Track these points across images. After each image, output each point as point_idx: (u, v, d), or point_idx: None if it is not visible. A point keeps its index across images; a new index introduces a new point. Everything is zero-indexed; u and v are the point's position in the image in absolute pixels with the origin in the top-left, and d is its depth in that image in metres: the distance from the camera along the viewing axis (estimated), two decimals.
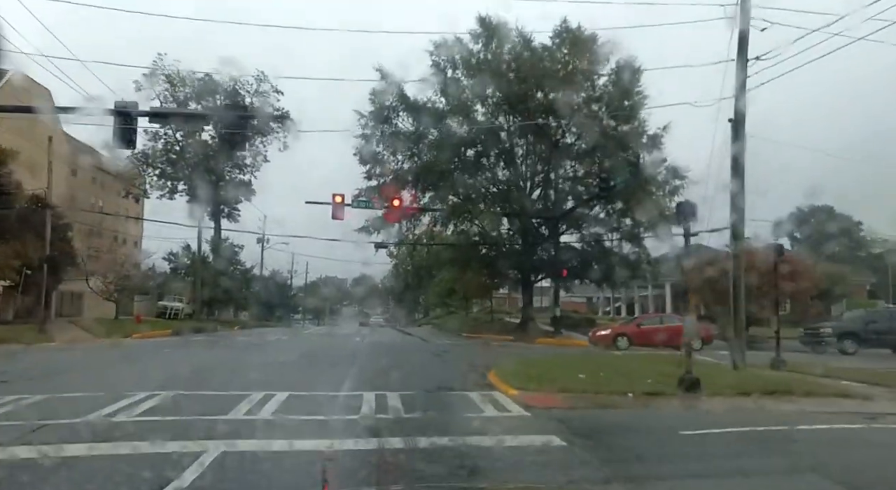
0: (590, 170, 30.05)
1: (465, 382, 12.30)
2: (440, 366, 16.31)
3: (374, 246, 33.75)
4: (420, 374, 13.79)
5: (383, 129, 33.00)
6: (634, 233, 31.20)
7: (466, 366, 15.88)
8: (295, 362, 16.02)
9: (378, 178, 33.16)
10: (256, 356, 18.01)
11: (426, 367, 15.62)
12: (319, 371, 14.18)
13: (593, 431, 7.71)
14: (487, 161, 33.11)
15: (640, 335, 23.35)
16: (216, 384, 11.28)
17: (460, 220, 31.15)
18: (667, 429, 8.19)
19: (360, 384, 11.44)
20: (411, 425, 7.81)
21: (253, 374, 12.92)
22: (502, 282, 37.24)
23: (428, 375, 13.65)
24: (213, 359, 16.90)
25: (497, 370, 13.55)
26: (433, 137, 32.59)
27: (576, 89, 30.66)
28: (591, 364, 14.78)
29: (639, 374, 12.43)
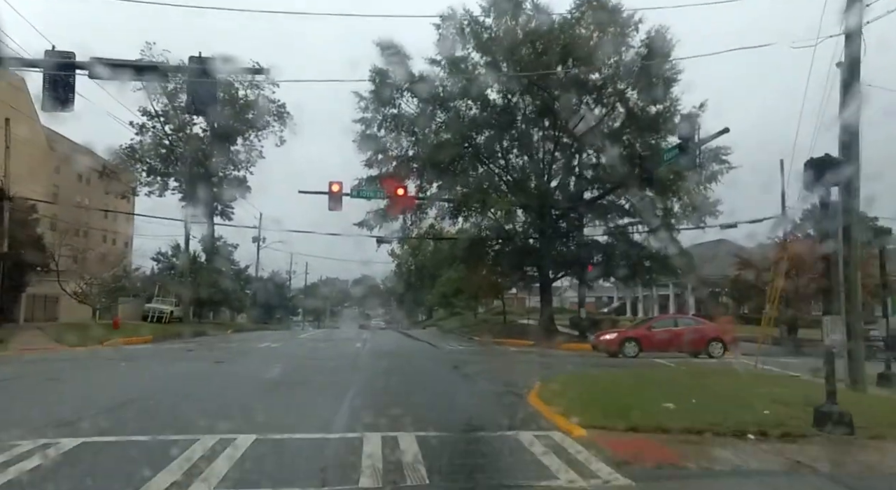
0: (621, 152, 26.67)
1: (505, 413, 8.99)
2: (462, 384, 13.00)
3: (377, 241, 30.46)
4: (440, 400, 10.48)
5: (385, 112, 29.75)
6: (669, 223, 27.86)
7: (496, 383, 12.62)
8: (278, 380, 12.71)
9: (380, 166, 29.91)
10: (233, 370, 14.72)
11: (445, 387, 12.31)
12: (307, 395, 10.86)
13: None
14: (501, 146, 29.81)
15: (652, 339, 20.07)
16: (152, 420, 7.96)
17: (472, 212, 27.78)
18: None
19: (359, 417, 8.13)
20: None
21: (214, 402, 9.66)
22: (516, 280, 33.83)
23: (451, 401, 10.36)
24: (174, 376, 13.58)
25: (541, 391, 10.30)
26: (441, 120, 29.34)
27: (601, 64, 27.40)
28: (661, 381, 11.52)
29: (739, 399, 9.15)
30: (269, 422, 7.61)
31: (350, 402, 9.71)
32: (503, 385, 12.13)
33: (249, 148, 56.25)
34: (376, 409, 8.78)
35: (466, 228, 32.00)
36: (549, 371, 15.56)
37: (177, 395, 10.44)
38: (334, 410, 8.82)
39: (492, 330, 33.39)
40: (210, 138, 54.70)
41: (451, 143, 27.27)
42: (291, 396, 10.57)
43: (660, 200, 27.99)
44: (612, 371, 14.17)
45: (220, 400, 9.98)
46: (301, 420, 8.11)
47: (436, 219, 32.19)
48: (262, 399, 10.04)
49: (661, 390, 9.83)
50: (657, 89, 27.00)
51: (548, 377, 12.97)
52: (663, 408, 8.46)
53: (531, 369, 16.06)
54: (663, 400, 8.93)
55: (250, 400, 9.95)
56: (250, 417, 7.84)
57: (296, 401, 10.13)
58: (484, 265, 32.57)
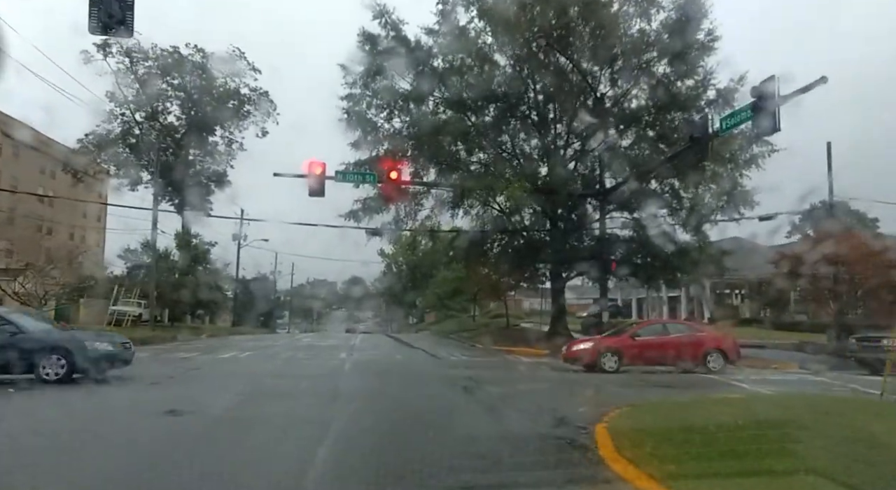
0: (650, 132, 23.09)
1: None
2: (486, 418, 9.15)
3: (367, 233, 26.59)
4: (466, 456, 6.60)
5: (375, 86, 25.97)
6: (702, 215, 24.29)
7: (532, 417, 8.87)
8: (218, 417, 8.76)
9: (369, 147, 26.13)
10: (159, 398, 10.64)
11: (465, 426, 8.39)
12: (254, 450, 7.00)
13: None
14: (509, 127, 26.09)
15: (636, 350, 16.39)
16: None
17: (475, 201, 23.96)
18: None
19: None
20: None
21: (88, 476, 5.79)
22: (522, 280, 30.06)
23: (483, 457, 6.51)
24: (60, 414, 9.56)
25: (615, 438, 6.63)
26: (440, 96, 25.60)
27: (625, 31, 23.85)
28: (779, 422, 7.82)
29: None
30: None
31: (322, 466, 5.92)
32: (544, 421, 8.39)
33: (229, 140, 52.44)
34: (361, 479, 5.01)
35: (466, 222, 28.30)
36: (592, 395, 11.87)
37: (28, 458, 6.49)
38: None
39: (494, 335, 29.63)
40: (186, 128, 50.76)
41: (451, 122, 23.53)
42: (227, 453, 6.72)
43: (691, 188, 24.44)
44: (693, 392, 10.45)
45: (109, 464, 6.11)
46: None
47: (433, 211, 28.35)
48: (178, 464, 6.18)
49: (799, 443, 6.13)
50: (689, 60, 23.50)
51: (598, 406, 9.31)
52: (808, 457, 4.77)
53: (566, 392, 12.36)
54: (820, 463, 5.25)
55: (161, 465, 6.10)
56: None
57: (235, 460, 6.30)
58: (486, 263, 28.88)
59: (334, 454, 6.42)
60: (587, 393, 12.08)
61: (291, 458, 6.20)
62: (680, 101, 24.24)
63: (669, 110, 24.44)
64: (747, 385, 13.33)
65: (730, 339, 17.27)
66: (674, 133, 24.35)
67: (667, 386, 13.65)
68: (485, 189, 22.48)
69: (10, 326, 11.95)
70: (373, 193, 26.75)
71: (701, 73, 24.01)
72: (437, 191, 27.69)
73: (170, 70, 47.72)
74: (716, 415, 8.22)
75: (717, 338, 17.24)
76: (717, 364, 16.24)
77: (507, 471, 5.86)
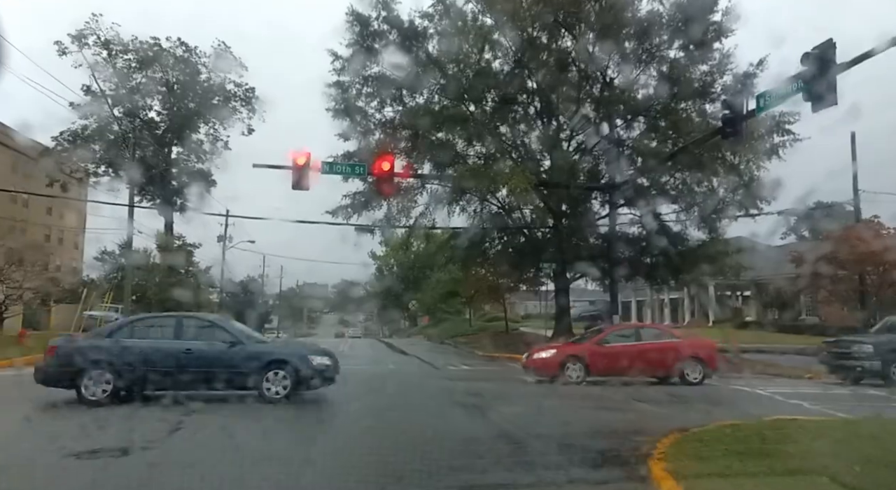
0: (668, 119, 21.27)
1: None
2: (513, 459, 7.14)
3: (358, 230, 24.59)
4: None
5: (366, 72, 24.02)
6: (717, 209, 22.50)
7: (579, 452, 6.90)
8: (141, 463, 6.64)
9: (361, 137, 24.16)
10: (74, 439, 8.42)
11: (486, 471, 6.40)
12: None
13: None
14: (509, 117, 24.12)
15: (604, 358, 14.55)
16: None
17: (473, 196, 21.95)
18: None
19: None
20: None
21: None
22: (524, 280, 28.10)
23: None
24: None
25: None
26: (436, 82, 23.65)
27: (634, 13, 22.05)
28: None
29: None
30: None
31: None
32: (593, 459, 6.41)
33: (214, 138, 50.24)
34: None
35: (463, 221, 26.33)
36: (652, 419, 9.87)
37: None
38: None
39: (494, 341, 27.66)
40: (168, 124, 48.52)
41: (448, 110, 21.58)
42: None
43: (706, 181, 22.64)
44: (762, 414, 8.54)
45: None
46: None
47: (427, 208, 26.33)
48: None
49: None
50: (705, 42, 21.73)
51: (644, 435, 7.36)
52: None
53: (595, 412, 10.41)
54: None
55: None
56: None
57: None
58: (485, 263, 26.94)
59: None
60: (610, 410, 10.10)
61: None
62: (694, 88, 22.48)
63: (683, 98, 22.64)
64: (807, 403, 11.38)
65: (709, 347, 15.32)
66: (688, 122, 22.60)
67: (683, 401, 11.77)
68: (485, 181, 20.48)
69: (227, 336, 10.53)
70: (363, 188, 24.86)
71: (717, 57, 22.27)
72: (433, 186, 25.78)
73: (150, 63, 45.50)
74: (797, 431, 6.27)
75: (695, 345, 15.33)
76: (695, 374, 14.35)
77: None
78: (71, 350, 10.03)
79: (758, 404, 11.63)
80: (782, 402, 11.68)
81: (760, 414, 9.33)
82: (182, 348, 10.12)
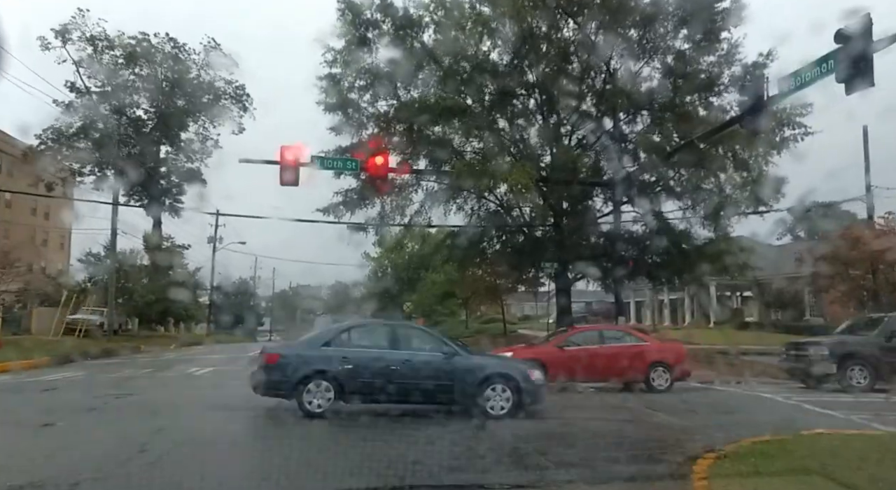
0: (674, 111, 20.39)
1: None
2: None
3: (351, 228, 23.58)
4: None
5: (358, 64, 23.02)
6: (726, 205, 21.60)
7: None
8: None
9: (354, 131, 23.18)
10: None
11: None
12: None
13: None
14: (508, 109, 23.16)
15: (565, 363, 13.35)
16: None
17: (471, 193, 20.95)
18: None
19: None
20: None
21: None
22: (526, 280, 27.13)
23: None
24: None
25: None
26: (432, 72, 22.68)
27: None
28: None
29: None
30: None
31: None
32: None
33: (204, 137, 49.10)
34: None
35: (460, 219, 25.33)
36: (650, 432, 8.95)
37: None
38: None
39: (493, 343, 26.63)
40: (156, 122, 47.34)
41: (445, 100, 20.61)
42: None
43: (713, 176, 21.76)
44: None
45: None
46: None
47: (423, 206, 25.31)
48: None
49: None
50: (712, 31, 20.88)
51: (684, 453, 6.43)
52: None
53: (612, 425, 9.45)
54: None
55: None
56: None
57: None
58: (483, 263, 25.97)
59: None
60: (628, 419, 9.11)
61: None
62: (700, 80, 21.63)
63: (688, 90, 21.77)
64: (839, 413, 10.44)
65: (678, 350, 14.45)
66: (694, 116, 21.74)
67: (699, 411, 10.83)
68: (484, 177, 19.48)
69: (443, 346, 10.11)
70: (355, 185, 23.87)
71: (724, 47, 21.41)
72: (428, 183, 24.79)
73: (138, 59, 44.32)
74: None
75: (663, 349, 14.38)
76: (662, 381, 13.40)
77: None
78: (293, 359, 9.73)
79: (784, 413, 10.73)
80: (809, 411, 10.77)
81: (793, 426, 8.41)
82: (401, 358, 9.74)
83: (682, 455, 6.61)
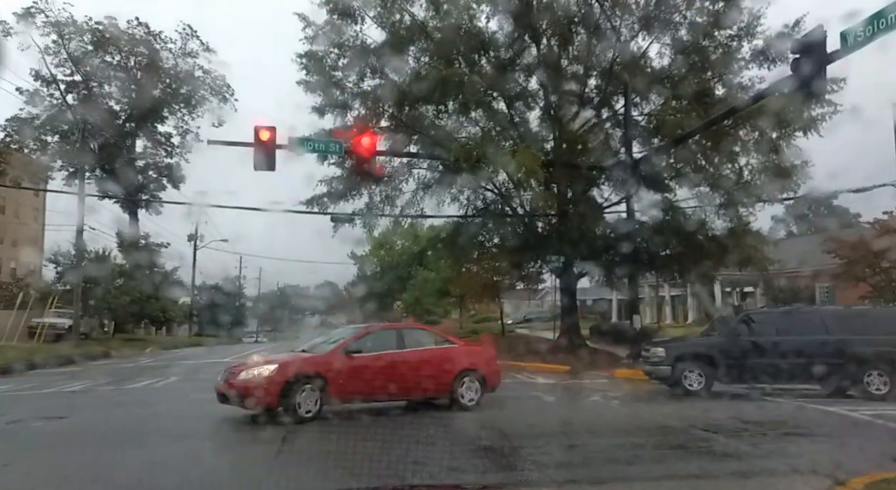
0: (690, 88, 18.38)
1: None
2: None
3: (336, 220, 21.37)
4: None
5: (341, 39, 20.85)
6: (747, 192, 19.61)
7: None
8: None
9: (338, 111, 21.01)
10: None
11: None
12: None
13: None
14: (508, 88, 20.98)
15: (351, 377, 9.50)
16: None
17: (473, 171, 18.76)
18: None
19: None
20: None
21: None
22: (527, 276, 25.02)
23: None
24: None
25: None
26: (423, 49, 20.53)
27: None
28: None
29: None
30: None
31: None
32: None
33: (184, 131, 46.56)
34: None
35: (454, 210, 23.19)
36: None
37: None
38: None
39: (494, 345, 24.52)
40: (128, 113, 44.73)
41: (440, 71, 18.43)
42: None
43: (736, 160, 19.79)
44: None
45: None
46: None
47: (415, 195, 23.15)
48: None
49: None
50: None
51: None
52: None
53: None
54: None
55: None
56: None
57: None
58: (481, 258, 23.84)
59: None
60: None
61: None
62: (718, 54, 19.69)
63: (707, 66, 19.81)
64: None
65: (488, 355, 11.19)
66: (712, 93, 19.83)
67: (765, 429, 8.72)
68: (485, 160, 17.32)
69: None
70: (341, 173, 21.73)
71: (745, 18, 19.45)
72: (420, 171, 22.66)
73: (107, 46, 41.68)
74: None
75: (472, 353, 11.13)
76: (471, 394, 10.28)
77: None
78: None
79: (871, 433, 8.72)
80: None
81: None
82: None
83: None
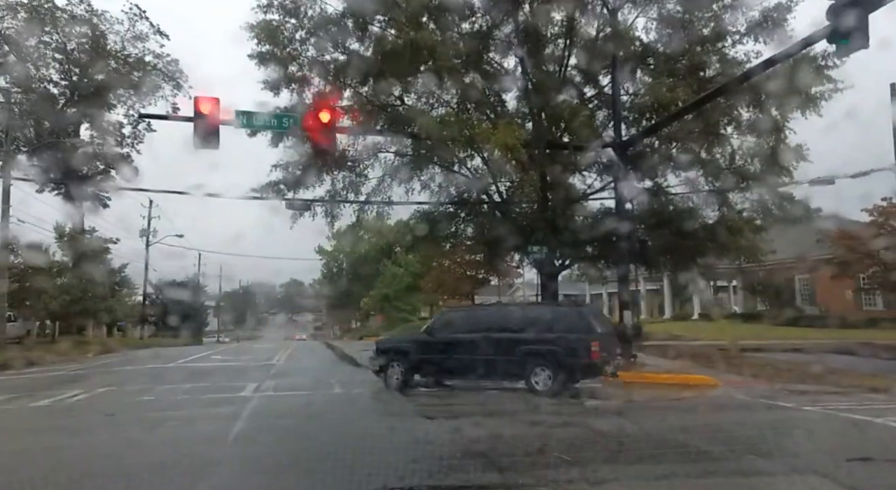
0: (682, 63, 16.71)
1: None
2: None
3: (292, 207, 19.10)
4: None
5: (297, 7, 18.55)
6: (744, 176, 18.09)
7: None
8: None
9: (295, 86, 18.71)
10: None
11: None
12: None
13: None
14: (483, 60, 18.97)
15: None
16: None
17: (448, 150, 16.68)
18: None
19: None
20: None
21: None
22: (503, 269, 23.08)
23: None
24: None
25: None
26: (388, 20, 18.34)
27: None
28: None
29: None
30: None
31: None
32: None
33: (135, 121, 43.18)
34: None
35: (426, 197, 21.10)
36: None
37: None
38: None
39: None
40: (69, 98, 41.20)
41: (409, 34, 16.30)
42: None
43: (730, 142, 18.24)
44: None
45: None
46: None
47: (381, 182, 20.96)
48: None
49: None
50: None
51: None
52: None
53: None
54: None
55: None
56: None
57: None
58: (455, 250, 21.83)
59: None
60: None
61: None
62: (712, 26, 18.10)
63: (700, 38, 18.19)
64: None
65: None
66: (705, 66, 18.25)
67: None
68: (461, 138, 15.27)
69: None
70: (297, 158, 19.43)
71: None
72: (387, 155, 20.51)
73: (43, 23, 38.09)
74: None
75: None
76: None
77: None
78: None
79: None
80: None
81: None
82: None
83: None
